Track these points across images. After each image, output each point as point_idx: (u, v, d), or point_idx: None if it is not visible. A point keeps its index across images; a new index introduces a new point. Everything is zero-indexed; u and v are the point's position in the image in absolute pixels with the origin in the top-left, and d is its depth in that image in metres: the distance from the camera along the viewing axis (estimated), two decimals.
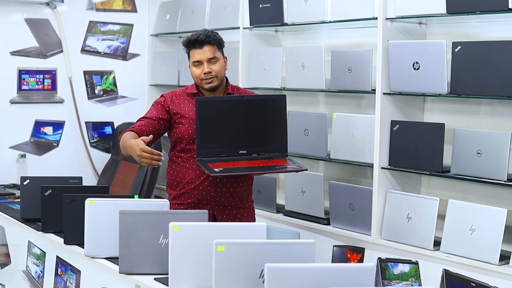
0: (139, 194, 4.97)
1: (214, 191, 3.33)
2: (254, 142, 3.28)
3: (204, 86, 3.31)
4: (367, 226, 3.83)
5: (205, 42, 3.29)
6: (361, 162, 3.94)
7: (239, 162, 3.21)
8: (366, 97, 4.17)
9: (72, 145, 5.51)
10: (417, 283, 3.51)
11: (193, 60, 3.31)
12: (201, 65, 3.29)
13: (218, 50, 3.33)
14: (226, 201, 3.36)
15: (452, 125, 3.61)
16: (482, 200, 3.57)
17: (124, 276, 2.70)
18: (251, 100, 3.32)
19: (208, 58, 3.28)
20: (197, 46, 3.30)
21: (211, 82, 3.30)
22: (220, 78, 3.33)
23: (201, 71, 3.29)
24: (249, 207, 3.47)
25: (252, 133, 3.29)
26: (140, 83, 5.77)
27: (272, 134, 3.31)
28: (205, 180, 3.32)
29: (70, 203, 3.09)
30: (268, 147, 3.29)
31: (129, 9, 5.74)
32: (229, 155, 3.24)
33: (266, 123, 3.30)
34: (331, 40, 4.40)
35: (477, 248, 3.32)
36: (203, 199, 3.34)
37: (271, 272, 2.06)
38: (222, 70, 3.33)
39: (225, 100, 3.29)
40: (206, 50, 3.29)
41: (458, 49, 3.41)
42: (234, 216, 3.38)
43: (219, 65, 3.31)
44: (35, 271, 3.52)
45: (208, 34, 3.30)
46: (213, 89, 3.32)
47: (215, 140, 3.23)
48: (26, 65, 5.30)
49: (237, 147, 3.26)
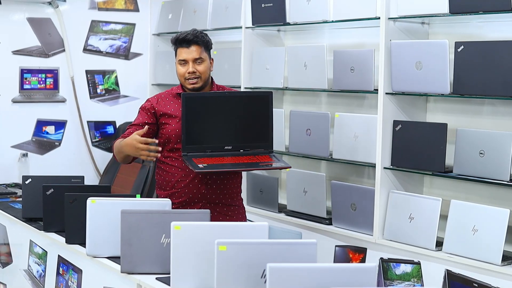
0: (141, 193, 4.97)
1: (205, 188, 3.34)
2: (240, 138, 3.31)
3: (188, 86, 3.33)
4: (369, 226, 3.82)
5: (192, 42, 3.31)
6: (363, 162, 3.93)
7: (224, 158, 3.24)
8: (368, 97, 4.16)
9: (74, 145, 5.51)
10: (419, 283, 3.50)
11: (179, 58, 3.33)
12: (186, 64, 3.31)
13: (204, 51, 3.34)
14: (217, 198, 3.37)
15: (454, 125, 3.61)
16: (484, 200, 3.57)
17: (125, 275, 2.70)
18: (237, 96, 3.38)
19: (194, 58, 3.30)
20: (184, 45, 3.32)
21: (194, 83, 3.31)
22: (204, 79, 3.34)
23: (186, 70, 3.31)
24: (239, 204, 3.49)
25: (238, 129, 3.32)
26: (142, 82, 5.77)
27: (258, 131, 3.33)
28: (195, 177, 3.33)
29: (72, 202, 3.09)
30: (253, 143, 3.32)
31: (131, 8, 5.74)
32: (214, 150, 3.26)
33: (252, 119, 3.33)
34: (333, 40, 4.40)
35: (479, 248, 3.32)
36: (194, 197, 3.34)
37: (273, 272, 2.06)
38: (206, 71, 3.34)
39: (212, 96, 3.31)
40: (193, 50, 3.31)
41: (461, 49, 3.40)
42: (225, 214, 3.39)
43: (204, 66, 3.32)
44: (36, 271, 3.52)
45: (196, 35, 3.32)
46: (197, 89, 3.33)
47: (201, 136, 3.26)
48: (28, 64, 5.30)
49: (223, 143, 3.28)
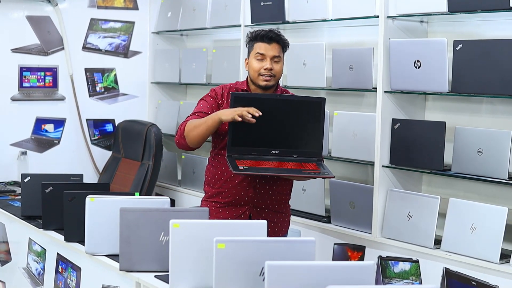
0: (140, 191, 4.97)
1: (252, 192, 3.26)
2: (288, 144, 3.20)
3: (260, 83, 3.23)
4: (368, 224, 3.83)
5: (274, 40, 3.24)
6: (362, 160, 3.94)
7: (269, 162, 3.14)
8: (367, 95, 4.16)
9: (73, 143, 5.51)
10: (417, 281, 3.51)
11: (258, 51, 3.22)
12: (263, 59, 3.22)
13: (282, 51, 3.28)
14: (264, 203, 3.29)
15: (453, 123, 3.61)
16: (483, 198, 3.57)
17: (124, 273, 2.70)
18: (288, 100, 3.22)
19: (273, 56, 3.22)
20: (266, 40, 3.23)
21: (268, 80, 3.22)
22: (277, 79, 3.26)
23: (262, 66, 3.21)
24: (286, 212, 3.40)
25: (287, 134, 3.20)
26: (141, 80, 5.77)
27: (307, 137, 3.22)
28: (244, 179, 3.25)
29: (70, 200, 3.09)
30: (301, 149, 3.21)
31: (131, 6, 5.74)
32: (260, 154, 3.17)
33: (302, 125, 3.20)
34: (332, 38, 4.40)
35: (477, 246, 3.32)
36: (240, 199, 3.27)
37: (272, 270, 2.06)
38: (281, 72, 3.26)
39: (261, 98, 3.19)
40: (274, 47, 3.23)
41: (460, 47, 3.41)
42: (270, 220, 3.26)
43: (280, 65, 3.25)
44: (35, 268, 3.52)
45: (278, 34, 3.26)
46: (267, 88, 3.24)
47: (248, 138, 3.15)
48: (27, 62, 5.30)
49: (270, 146, 3.18)
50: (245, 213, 3.28)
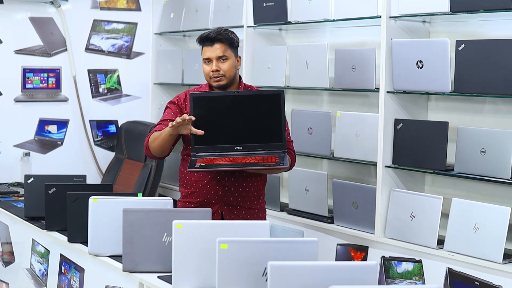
0: (143, 192, 4.98)
1: (222, 190, 3.29)
2: (251, 138, 3.22)
3: (213, 84, 3.29)
4: (371, 224, 3.83)
5: (215, 40, 3.26)
6: (364, 161, 3.94)
7: (233, 158, 3.17)
8: (369, 96, 4.16)
9: (76, 144, 5.52)
10: (420, 281, 3.51)
11: (203, 57, 3.29)
12: (210, 62, 3.26)
13: (229, 49, 3.28)
14: (235, 201, 3.32)
15: (455, 123, 3.61)
16: (485, 198, 3.57)
17: (127, 274, 2.71)
18: (246, 95, 3.26)
19: (217, 56, 3.25)
20: (208, 43, 3.27)
21: (219, 81, 3.26)
22: (229, 78, 3.28)
23: (210, 69, 3.26)
24: (260, 208, 3.41)
25: (249, 129, 3.23)
26: (144, 81, 5.78)
27: (269, 130, 3.23)
28: (213, 178, 3.29)
29: (74, 201, 3.10)
30: (265, 143, 3.23)
31: (133, 7, 5.75)
32: (224, 151, 3.21)
33: (263, 119, 3.22)
34: (334, 39, 4.40)
35: (480, 246, 3.32)
36: (211, 199, 3.30)
37: (274, 270, 2.06)
38: (231, 70, 3.27)
39: (219, 95, 3.25)
40: (216, 48, 3.26)
41: (462, 47, 3.41)
42: (242, 217, 3.31)
43: (228, 64, 3.26)
44: (39, 269, 3.53)
45: (219, 32, 3.27)
46: (222, 87, 3.28)
47: (211, 136, 3.19)
48: (30, 64, 5.31)
49: (234, 143, 3.22)
50: (217, 212, 3.30)
